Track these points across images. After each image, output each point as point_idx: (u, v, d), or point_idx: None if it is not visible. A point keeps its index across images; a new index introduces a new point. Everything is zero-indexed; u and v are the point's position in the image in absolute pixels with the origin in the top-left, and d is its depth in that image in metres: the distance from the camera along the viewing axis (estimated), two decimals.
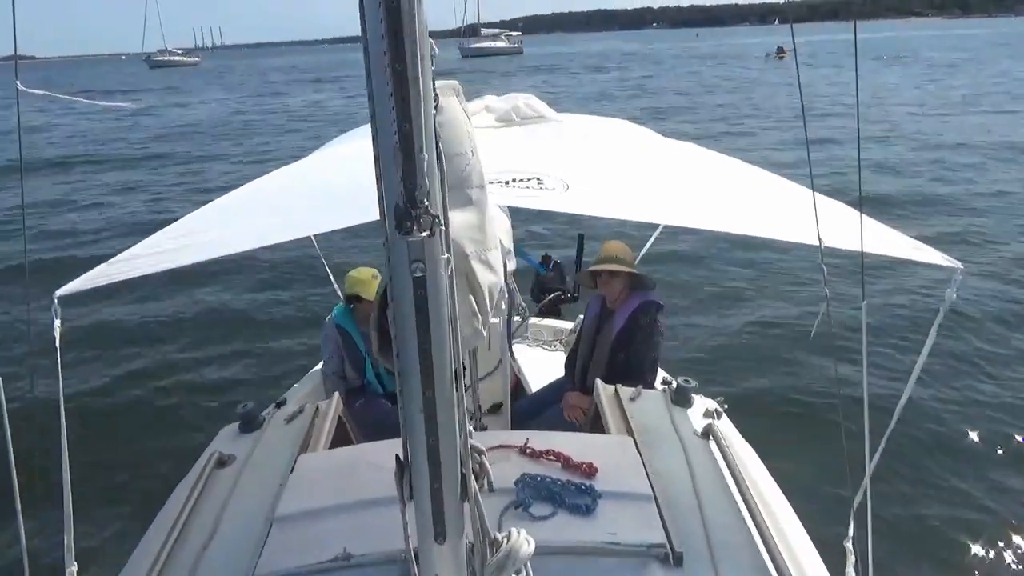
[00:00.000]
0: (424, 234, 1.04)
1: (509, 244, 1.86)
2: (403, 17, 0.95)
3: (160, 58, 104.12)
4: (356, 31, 1.01)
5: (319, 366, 4.21)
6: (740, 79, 38.67)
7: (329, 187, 3.07)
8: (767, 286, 8.20)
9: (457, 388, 1.20)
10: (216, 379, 6.61)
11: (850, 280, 2.94)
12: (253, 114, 31.17)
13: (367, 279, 3.91)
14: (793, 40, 1.84)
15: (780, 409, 5.46)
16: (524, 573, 1.32)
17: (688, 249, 9.33)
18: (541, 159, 2.81)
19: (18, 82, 1.49)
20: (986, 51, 55.17)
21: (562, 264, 5.36)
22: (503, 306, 1.60)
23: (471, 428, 1.30)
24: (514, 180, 2.52)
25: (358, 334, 3.91)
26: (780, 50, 58.15)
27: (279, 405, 3.13)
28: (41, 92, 1.88)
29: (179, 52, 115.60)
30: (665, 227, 4.91)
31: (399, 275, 1.10)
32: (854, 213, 2.26)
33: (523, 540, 1.30)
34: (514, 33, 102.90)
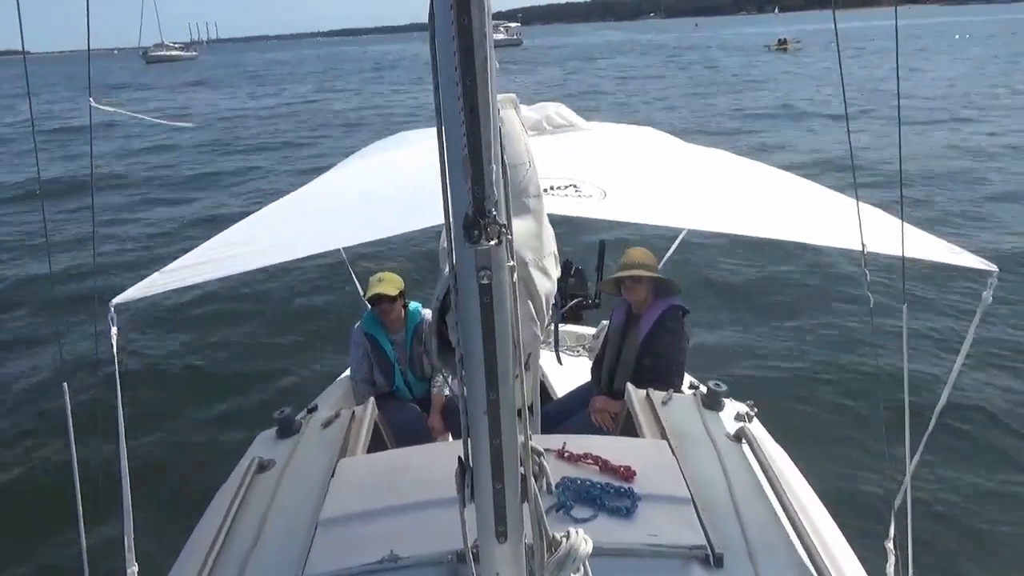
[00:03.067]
0: (492, 243, 1.08)
1: (554, 250, 1.91)
2: (474, 34, 1.00)
3: (156, 53, 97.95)
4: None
5: (347, 372, 4.26)
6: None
7: (373, 197, 3.13)
8: (792, 292, 8.10)
9: (519, 392, 1.24)
10: (248, 385, 6.70)
11: (886, 284, 2.93)
12: None
13: (387, 278, 3.94)
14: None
15: (811, 412, 5.38)
16: (583, 572, 1.36)
17: (715, 254, 9.23)
18: (576, 167, 2.85)
19: (91, 100, 1.57)
20: None
21: (583, 270, 5.40)
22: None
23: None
24: (552, 188, 2.56)
25: (387, 341, 3.96)
26: (781, 42, 56.92)
27: (311, 411, 3.18)
28: (111, 108, 1.95)
29: (176, 46, 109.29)
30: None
31: (466, 282, 1.14)
32: (892, 218, 2.28)
33: (581, 539, 1.33)
34: (512, 24, 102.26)
